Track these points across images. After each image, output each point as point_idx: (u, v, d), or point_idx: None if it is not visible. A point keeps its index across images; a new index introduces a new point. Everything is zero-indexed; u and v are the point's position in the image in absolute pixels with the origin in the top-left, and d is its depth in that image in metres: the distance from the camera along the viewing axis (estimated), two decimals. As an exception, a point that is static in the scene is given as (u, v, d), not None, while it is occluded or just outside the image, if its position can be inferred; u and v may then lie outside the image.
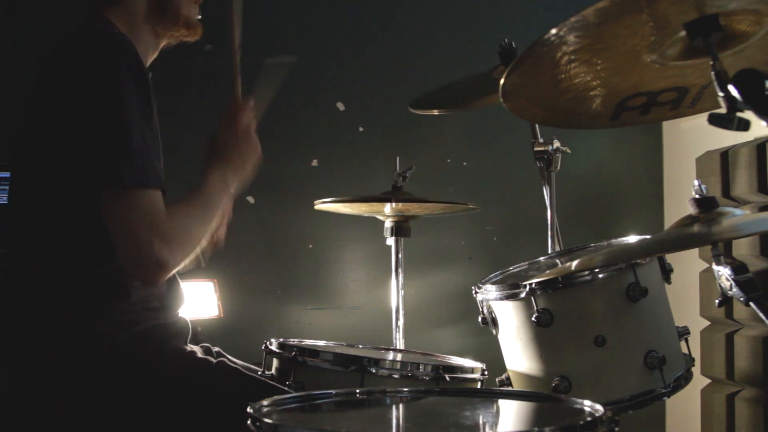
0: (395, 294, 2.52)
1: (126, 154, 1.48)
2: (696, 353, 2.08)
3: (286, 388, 1.67)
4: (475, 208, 2.51)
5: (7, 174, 2.49)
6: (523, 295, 1.81)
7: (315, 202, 2.53)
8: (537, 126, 2.42)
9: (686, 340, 1.93)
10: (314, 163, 3.08)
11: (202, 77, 2.94)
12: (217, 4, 1.85)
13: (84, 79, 1.52)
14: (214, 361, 1.72)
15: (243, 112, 1.74)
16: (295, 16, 3.10)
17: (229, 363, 1.76)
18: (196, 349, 1.76)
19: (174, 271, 1.59)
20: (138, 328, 1.60)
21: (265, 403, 1.28)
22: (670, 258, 1.95)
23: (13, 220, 1.67)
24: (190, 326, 1.75)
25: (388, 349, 2.23)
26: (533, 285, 1.80)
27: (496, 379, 1.97)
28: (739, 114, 1.29)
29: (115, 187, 1.49)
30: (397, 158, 2.49)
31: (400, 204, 2.42)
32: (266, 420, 1.15)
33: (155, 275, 1.51)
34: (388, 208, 2.45)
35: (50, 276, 1.59)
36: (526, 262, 2.15)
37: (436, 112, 2.62)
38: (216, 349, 1.89)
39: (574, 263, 1.80)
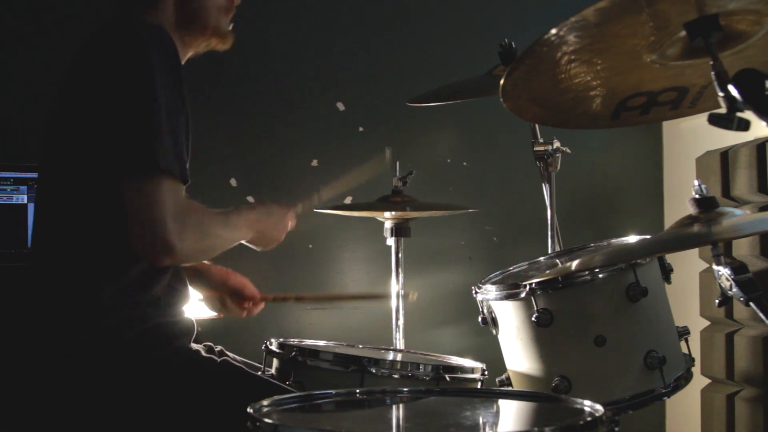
0: (395, 294, 2.52)
1: (156, 140, 1.51)
2: (696, 353, 2.08)
3: (291, 388, 1.68)
4: (474, 210, 2.50)
5: (15, 174, 2.49)
6: (523, 295, 1.81)
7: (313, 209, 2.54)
8: (537, 126, 2.41)
9: (686, 340, 1.93)
10: (314, 163, 3.08)
11: (204, 78, 2.94)
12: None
13: (120, 64, 1.54)
14: (218, 360, 1.73)
15: (290, 215, 1.92)
16: (296, 15, 3.10)
17: (233, 362, 1.77)
18: (200, 348, 1.77)
19: (180, 263, 1.60)
20: (145, 326, 1.61)
21: (265, 403, 1.28)
22: (670, 258, 1.95)
23: (38, 216, 1.71)
24: (195, 325, 1.75)
25: (388, 349, 2.23)
26: (533, 285, 1.80)
27: (496, 379, 1.97)
28: (739, 114, 1.29)
29: (143, 169, 1.51)
30: (397, 163, 2.48)
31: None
32: (266, 420, 1.15)
33: (161, 257, 1.53)
34: (387, 213, 2.46)
35: (67, 269, 1.61)
36: (526, 262, 2.15)
37: (433, 104, 2.61)
38: (218, 348, 1.89)
39: (574, 263, 1.80)
